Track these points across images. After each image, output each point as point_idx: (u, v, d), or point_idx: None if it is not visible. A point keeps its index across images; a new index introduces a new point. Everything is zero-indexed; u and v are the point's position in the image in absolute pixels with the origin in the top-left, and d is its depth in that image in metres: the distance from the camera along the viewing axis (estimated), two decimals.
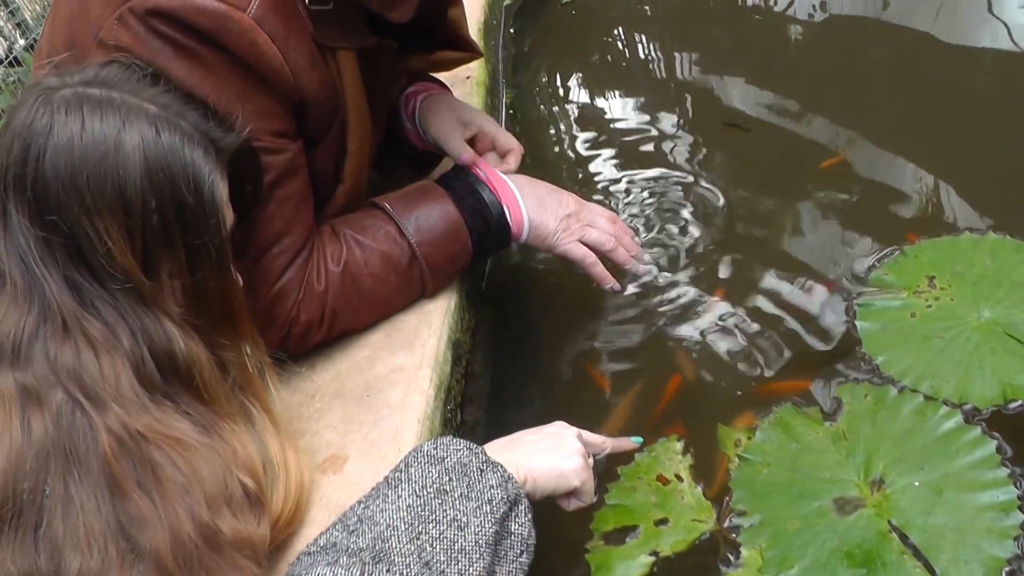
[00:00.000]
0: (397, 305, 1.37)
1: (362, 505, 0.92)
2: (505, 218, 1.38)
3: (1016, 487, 1.13)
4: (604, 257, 1.49)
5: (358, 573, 0.82)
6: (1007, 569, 1.06)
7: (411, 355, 1.31)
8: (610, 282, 1.51)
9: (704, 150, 2.00)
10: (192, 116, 0.97)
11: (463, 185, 1.38)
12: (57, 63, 1.01)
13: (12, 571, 0.77)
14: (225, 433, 0.94)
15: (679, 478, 1.25)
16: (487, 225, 1.37)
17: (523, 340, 1.62)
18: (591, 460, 1.09)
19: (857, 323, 1.40)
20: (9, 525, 0.79)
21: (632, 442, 1.21)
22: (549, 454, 1.03)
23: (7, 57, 3.00)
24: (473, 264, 1.44)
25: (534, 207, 1.40)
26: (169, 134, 0.92)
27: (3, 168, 0.90)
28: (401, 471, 0.93)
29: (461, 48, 1.53)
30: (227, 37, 1.11)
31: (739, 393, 1.35)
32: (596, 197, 1.91)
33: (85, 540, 0.79)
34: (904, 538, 1.11)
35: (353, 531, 0.88)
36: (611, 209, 1.72)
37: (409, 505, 0.88)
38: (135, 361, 0.89)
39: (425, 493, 0.89)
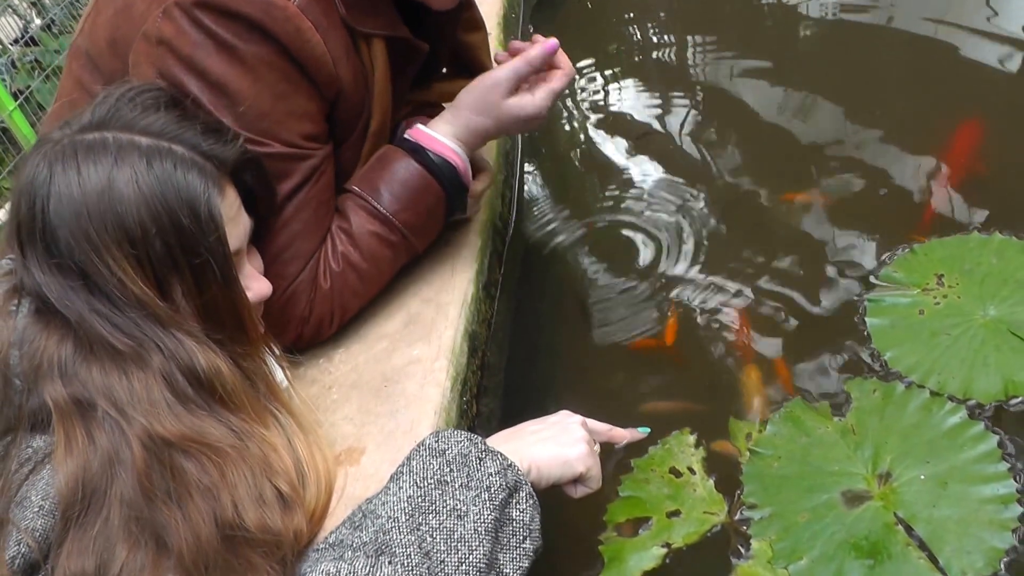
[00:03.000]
0: (396, 271, 1.38)
1: (368, 501, 0.94)
2: (452, 170, 1.34)
3: (1015, 481, 1.17)
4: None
5: (360, 566, 0.84)
6: (1006, 560, 1.09)
7: (428, 347, 1.32)
8: None
9: (716, 142, 2.02)
10: (188, 137, 1.01)
11: (410, 145, 1.35)
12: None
13: (69, 568, 0.82)
14: (257, 438, 0.98)
15: (691, 471, 1.27)
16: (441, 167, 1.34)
17: (539, 330, 1.65)
18: (597, 447, 1.10)
19: (867, 319, 1.43)
20: (75, 523, 0.84)
21: (640, 432, 1.21)
22: (552, 442, 1.04)
23: (23, 36, 3.01)
24: (452, 208, 1.39)
25: (487, 130, 1.35)
26: (160, 163, 0.96)
27: (16, 224, 0.96)
28: (404, 464, 0.95)
29: (477, 75, 1.53)
30: (273, 24, 1.13)
31: (751, 387, 1.38)
32: (608, 186, 1.94)
33: (131, 537, 0.84)
34: (909, 530, 1.14)
35: (358, 526, 0.90)
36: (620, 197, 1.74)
37: (410, 496, 0.90)
38: (166, 375, 0.93)
39: (426, 484, 0.91)
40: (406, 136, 1.36)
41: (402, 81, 1.38)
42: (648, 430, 1.22)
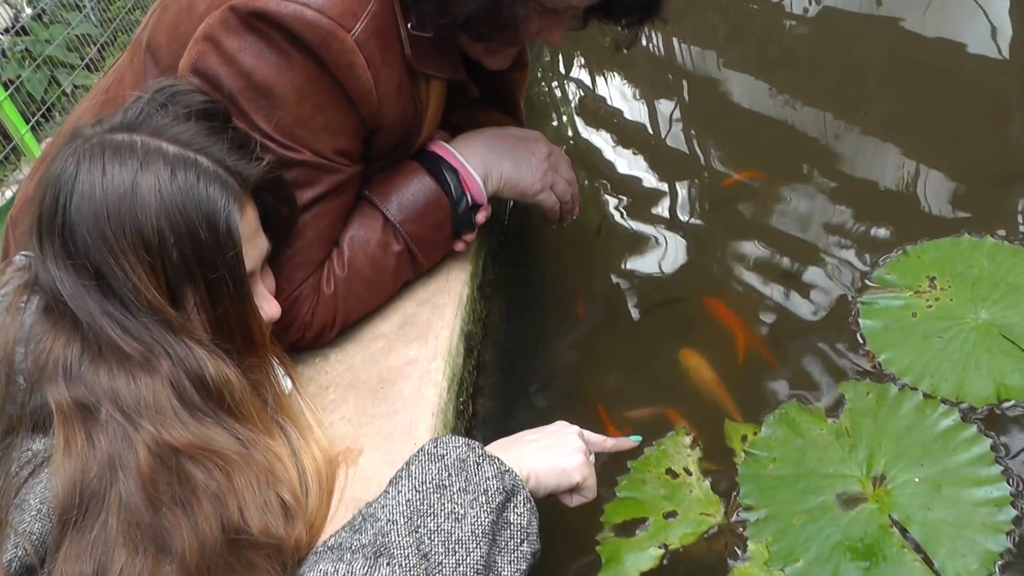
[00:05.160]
0: (399, 284, 1.39)
1: (367, 505, 0.95)
2: (461, 188, 1.38)
3: (1009, 484, 1.17)
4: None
5: (359, 567, 0.85)
6: (1000, 563, 1.10)
7: (424, 347, 1.32)
8: (558, 221, 1.58)
9: (704, 139, 2.02)
10: (215, 150, 1.01)
11: (428, 157, 1.39)
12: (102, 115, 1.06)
13: (66, 572, 0.82)
14: (262, 448, 0.98)
15: (688, 472, 1.28)
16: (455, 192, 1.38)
17: (533, 330, 1.65)
18: (592, 457, 1.12)
19: (860, 321, 1.44)
20: (73, 527, 0.84)
21: (631, 441, 1.24)
22: (550, 451, 1.06)
23: (14, 26, 2.99)
24: (459, 226, 1.41)
25: (510, 167, 1.42)
26: (184, 174, 0.97)
27: (38, 216, 0.97)
28: (403, 469, 0.96)
29: (508, 112, 1.56)
30: (327, 53, 1.13)
31: (745, 388, 1.38)
32: (597, 182, 1.94)
33: (130, 542, 0.84)
34: (904, 532, 1.15)
35: (357, 529, 0.91)
36: (610, 194, 1.78)
37: (408, 500, 0.90)
38: (174, 382, 0.93)
39: (424, 488, 0.92)
40: (426, 148, 1.37)
41: (448, 113, 1.41)
42: (640, 439, 1.25)
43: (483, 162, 1.40)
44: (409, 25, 1.21)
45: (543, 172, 1.46)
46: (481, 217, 1.42)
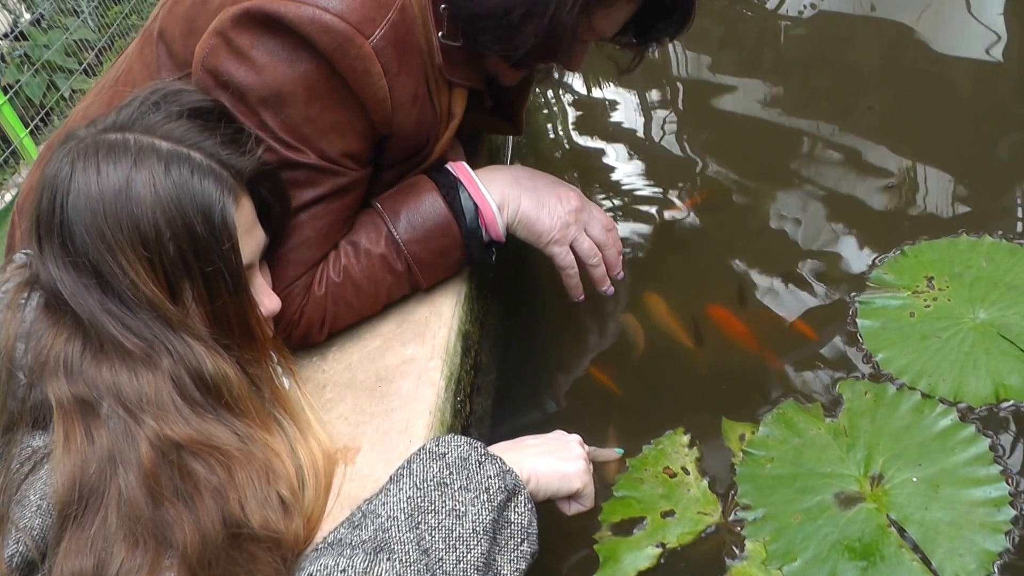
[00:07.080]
0: (393, 299, 1.37)
1: (367, 502, 0.95)
2: (477, 220, 1.32)
3: (1007, 484, 1.17)
4: (581, 267, 1.41)
5: (359, 562, 0.85)
6: (999, 563, 1.10)
7: (422, 346, 1.32)
8: (579, 295, 1.43)
9: (699, 142, 2.02)
10: (208, 145, 1.02)
11: (447, 181, 1.35)
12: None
13: (66, 567, 0.82)
14: (261, 443, 0.99)
15: (685, 471, 1.28)
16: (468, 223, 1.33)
17: (530, 330, 1.65)
18: (591, 466, 1.12)
19: (858, 320, 1.44)
20: (73, 522, 0.85)
21: (615, 452, 1.24)
22: (552, 456, 1.06)
23: (12, 31, 3.01)
24: (466, 262, 1.38)
25: (529, 204, 1.34)
26: (178, 169, 0.97)
27: (36, 217, 0.97)
28: (403, 467, 0.96)
29: (508, 119, 1.54)
30: (342, 58, 1.12)
31: (743, 388, 1.39)
32: (592, 186, 1.94)
33: (130, 536, 0.84)
34: (902, 532, 1.15)
35: (357, 525, 0.91)
36: (605, 197, 1.77)
37: (409, 497, 0.91)
38: (175, 378, 0.94)
39: (425, 486, 0.92)
40: (448, 168, 1.34)
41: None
42: (622, 451, 1.26)
43: (502, 191, 1.34)
44: (440, 34, 1.20)
45: (565, 223, 1.35)
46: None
